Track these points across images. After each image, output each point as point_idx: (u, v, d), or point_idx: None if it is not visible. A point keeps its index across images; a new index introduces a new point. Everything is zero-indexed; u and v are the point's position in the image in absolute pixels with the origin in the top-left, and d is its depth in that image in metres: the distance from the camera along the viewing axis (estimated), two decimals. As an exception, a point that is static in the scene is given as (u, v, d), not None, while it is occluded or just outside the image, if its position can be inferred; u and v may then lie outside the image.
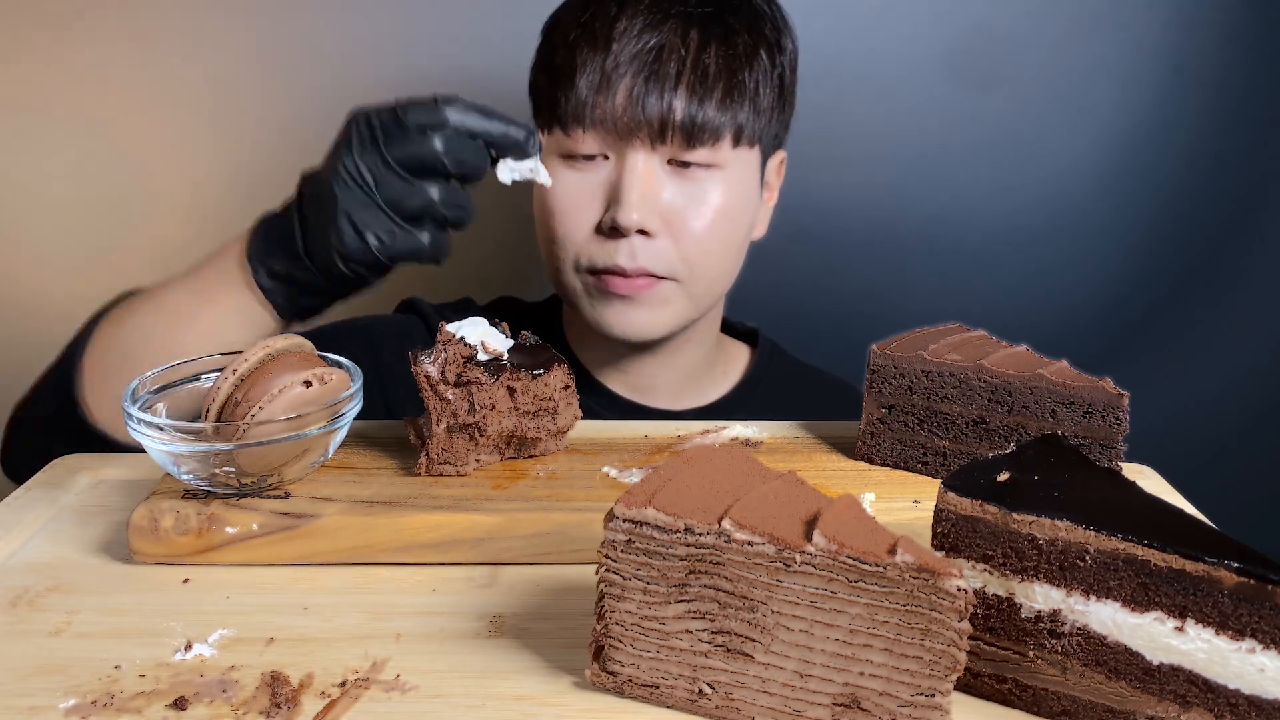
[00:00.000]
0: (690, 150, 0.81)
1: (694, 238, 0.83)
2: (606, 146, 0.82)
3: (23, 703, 0.45)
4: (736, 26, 0.83)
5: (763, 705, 0.44)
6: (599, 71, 0.80)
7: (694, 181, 0.83)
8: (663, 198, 0.82)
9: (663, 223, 0.83)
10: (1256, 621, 0.40)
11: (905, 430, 0.67)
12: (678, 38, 0.81)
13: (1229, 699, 0.41)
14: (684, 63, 0.80)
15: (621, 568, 0.44)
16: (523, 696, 0.46)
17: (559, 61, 0.83)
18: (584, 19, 0.83)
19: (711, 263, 0.86)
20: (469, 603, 0.54)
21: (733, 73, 0.81)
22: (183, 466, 0.57)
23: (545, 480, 0.64)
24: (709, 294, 0.89)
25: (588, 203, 0.83)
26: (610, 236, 0.83)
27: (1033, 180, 1.25)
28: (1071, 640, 0.44)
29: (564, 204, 0.84)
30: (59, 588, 0.55)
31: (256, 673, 0.47)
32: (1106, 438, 0.61)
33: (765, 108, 0.84)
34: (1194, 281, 1.30)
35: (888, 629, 0.41)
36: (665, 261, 0.83)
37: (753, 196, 0.88)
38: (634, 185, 0.81)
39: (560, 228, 0.85)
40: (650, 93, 0.79)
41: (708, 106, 0.80)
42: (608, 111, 0.80)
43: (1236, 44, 1.22)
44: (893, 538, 0.40)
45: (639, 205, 0.81)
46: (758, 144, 0.86)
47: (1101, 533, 0.42)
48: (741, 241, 0.89)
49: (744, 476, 0.45)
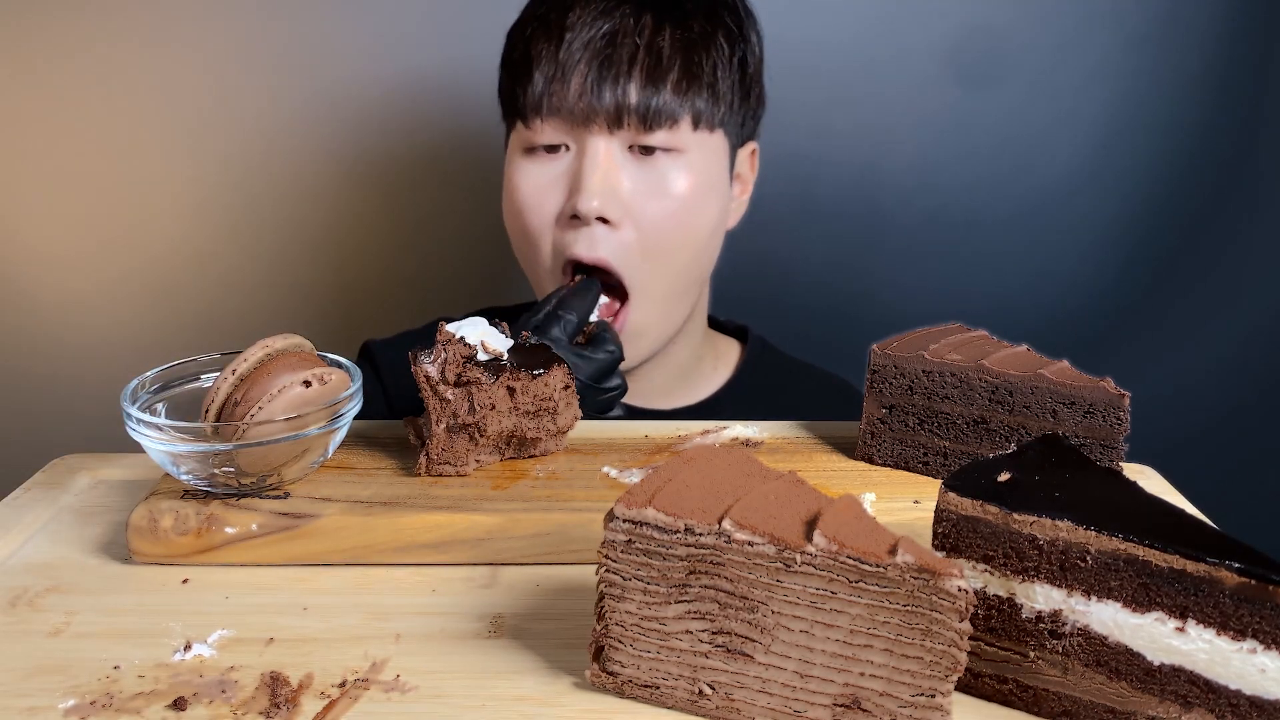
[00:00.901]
0: (649, 133, 0.81)
1: (655, 225, 0.82)
2: (566, 136, 0.82)
3: (22, 703, 0.45)
4: (691, 11, 0.83)
5: (763, 706, 0.44)
6: (554, 61, 0.80)
7: (655, 167, 0.82)
8: (624, 185, 0.82)
9: (624, 211, 0.82)
10: (1258, 622, 0.40)
11: (906, 430, 0.67)
12: (630, 23, 0.81)
13: (1230, 699, 0.41)
14: (637, 47, 0.80)
15: (622, 568, 0.44)
16: (523, 697, 0.46)
17: (517, 57, 0.84)
18: (540, 11, 0.83)
19: (675, 252, 0.84)
20: (469, 603, 0.54)
21: (688, 56, 0.81)
22: (182, 467, 0.57)
23: (545, 480, 0.63)
24: (680, 288, 0.87)
25: (550, 192, 0.83)
26: (572, 226, 0.82)
27: (1031, 178, 1.25)
28: (1072, 641, 0.44)
29: (528, 197, 0.84)
30: (58, 588, 0.55)
31: (256, 673, 0.47)
32: (1107, 438, 0.61)
33: (724, 92, 0.83)
34: (1197, 284, 1.30)
35: (888, 629, 0.41)
36: (625, 254, 0.82)
37: (719, 184, 0.87)
38: (593, 172, 0.80)
39: (527, 221, 0.85)
40: (604, 79, 0.79)
41: (663, 90, 0.80)
42: (564, 100, 0.80)
43: (1230, 43, 1.22)
44: (893, 538, 0.40)
45: (599, 191, 0.80)
46: (720, 129, 0.85)
47: (1102, 533, 0.42)
48: (709, 231, 0.87)
49: (744, 477, 0.46)
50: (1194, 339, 1.32)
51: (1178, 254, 1.29)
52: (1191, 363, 1.31)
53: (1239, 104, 1.24)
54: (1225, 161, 1.27)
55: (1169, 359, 1.30)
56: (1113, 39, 1.22)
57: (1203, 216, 1.29)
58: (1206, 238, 1.29)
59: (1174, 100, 1.24)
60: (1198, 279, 1.30)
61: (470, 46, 1.16)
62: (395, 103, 1.20)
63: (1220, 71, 1.23)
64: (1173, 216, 1.28)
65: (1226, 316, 1.31)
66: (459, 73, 1.18)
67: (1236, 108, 1.25)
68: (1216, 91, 1.24)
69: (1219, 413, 1.33)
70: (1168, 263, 1.30)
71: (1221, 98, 1.24)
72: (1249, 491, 1.26)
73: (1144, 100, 1.24)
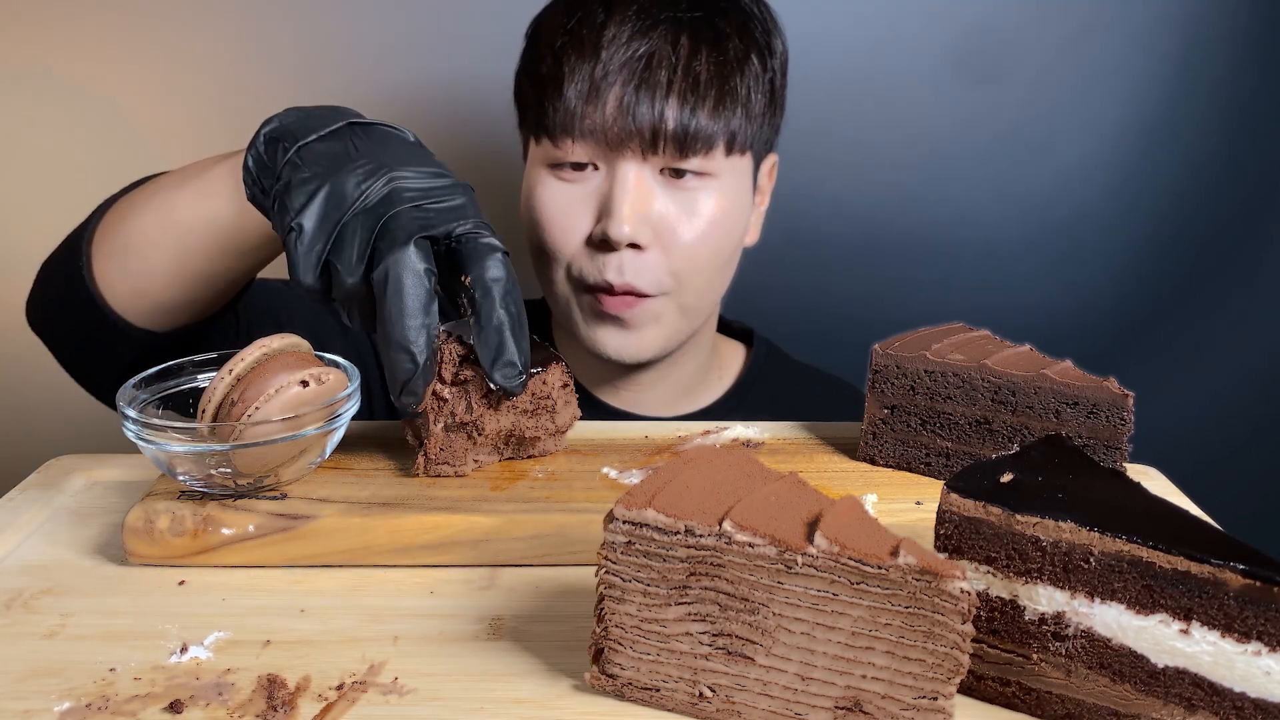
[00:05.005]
0: (683, 160, 0.80)
1: (684, 248, 0.82)
2: (596, 156, 0.81)
3: (17, 706, 0.45)
4: (727, 31, 0.82)
5: (764, 708, 0.43)
6: (588, 80, 0.79)
7: (687, 191, 0.82)
8: (654, 209, 0.81)
9: (654, 234, 0.81)
10: (1263, 624, 0.39)
11: (908, 431, 0.67)
12: (668, 44, 0.79)
13: (1234, 702, 0.41)
14: (675, 70, 0.79)
15: (621, 569, 0.44)
16: (522, 699, 0.46)
17: (545, 70, 0.81)
18: (570, 25, 0.81)
19: (701, 273, 0.84)
20: (467, 605, 0.54)
21: (725, 79, 0.80)
22: (178, 467, 0.57)
23: (544, 481, 0.63)
24: (700, 304, 0.88)
25: (578, 214, 0.82)
26: (600, 249, 0.82)
27: (1037, 181, 1.25)
28: (1076, 643, 0.44)
29: (554, 215, 0.83)
30: (53, 590, 0.55)
31: (253, 675, 0.47)
32: (1111, 438, 0.61)
33: (757, 113, 0.83)
34: (1200, 282, 1.30)
35: (890, 631, 0.40)
36: (653, 277, 0.82)
37: (745, 203, 0.87)
38: (625, 198, 0.79)
39: (550, 240, 0.84)
40: (641, 102, 0.78)
41: (700, 114, 0.79)
42: (597, 121, 0.79)
43: (1243, 45, 1.22)
44: (895, 539, 0.40)
45: (630, 218, 0.79)
46: (750, 150, 0.85)
47: (1106, 534, 0.42)
48: (733, 250, 0.88)
49: (745, 478, 0.45)
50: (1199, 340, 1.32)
51: (1187, 256, 1.29)
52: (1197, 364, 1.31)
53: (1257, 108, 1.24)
54: (1241, 166, 1.26)
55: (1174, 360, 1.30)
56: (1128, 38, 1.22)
57: (1216, 219, 1.28)
58: (1217, 240, 1.29)
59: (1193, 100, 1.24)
60: (1207, 281, 1.30)
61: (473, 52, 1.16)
62: (395, 104, 1.20)
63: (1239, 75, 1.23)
64: (1184, 220, 1.28)
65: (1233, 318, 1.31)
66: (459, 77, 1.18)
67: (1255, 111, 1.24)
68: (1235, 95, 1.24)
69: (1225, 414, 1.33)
70: (1176, 264, 1.30)
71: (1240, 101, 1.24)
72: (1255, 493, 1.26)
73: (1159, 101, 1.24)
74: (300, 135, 0.58)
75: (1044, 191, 1.25)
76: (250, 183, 0.60)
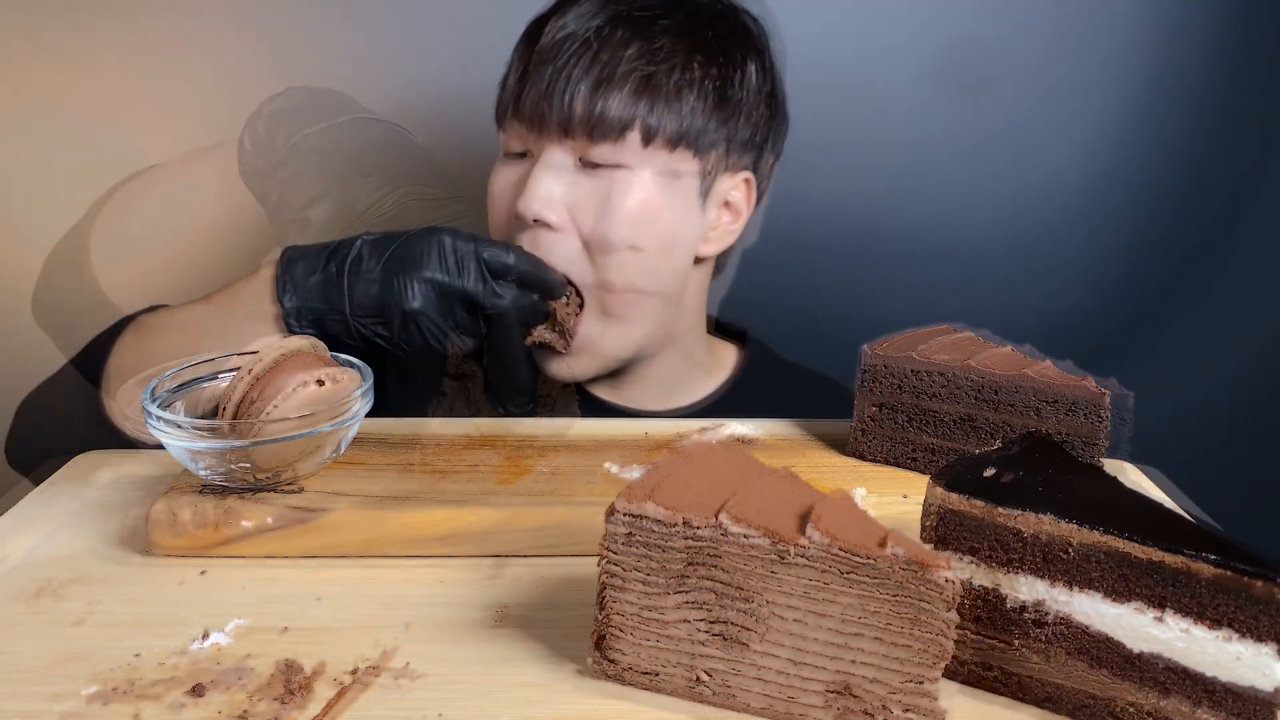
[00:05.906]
0: (593, 145, 0.79)
1: (597, 236, 0.80)
2: (527, 142, 0.82)
3: (47, 689, 0.46)
4: (668, 28, 0.81)
5: (758, 692, 0.45)
6: (521, 68, 0.81)
7: (601, 180, 0.80)
8: (567, 192, 0.80)
9: (569, 218, 0.80)
10: (1233, 612, 0.41)
11: (896, 428, 0.68)
12: (594, 34, 0.79)
13: (1206, 686, 0.42)
14: (595, 56, 0.79)
15: (622, 560, 0.45)
16: (527, 684, 0.47)
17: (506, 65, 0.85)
18: (537, 17, 0.84)
19: (623, 269, 0.81)
20: (475, 594, 0.55)
21: (648, 69, 0.79)
22: (200, 462, 0.58)
23: (549, 476, 0.65)
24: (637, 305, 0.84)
25: (508, 196, 0.83)
26: (518, 228, 0.82)
27: (1022, 185, 1.26)
28: (1055, 629, 0.45)
29: (494, 195, 0.85)
30: (81, 579, 0.56)
31: (271, 661, 0.48)
32: (1089, 435, 0.62)
33: (689, 112, 0.80)
34: (1182, 283, 1.31)
35: (878, 619, 0.42)
36: (563, 254, 0.80)
37: (685, 208, 0.83)
38: (538, 177, 0.80)
39: (490, 219, 0.86)
40: (557, 86, 0.78)
41: (612, 100, 0.78)
42: (524, 107, 0.81)
43: (1217, 53, 1.23)
44: (883, 531, 0.42)
45: (539, 195, 0.79)
46: (689, 150, 0.81)
47: (1083, 526, 0.43)
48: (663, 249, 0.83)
49: (740, 473, 0.46)
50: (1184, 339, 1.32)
51: (1169, 257, 1.30)
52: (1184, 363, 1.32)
53: (1234, 112, 1.25)
54: (1220, 167, 1.27)
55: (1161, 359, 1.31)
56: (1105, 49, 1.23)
57: (1196, 221, 1.29)
58: (1198, 241, 1.30)
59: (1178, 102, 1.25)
60: (1190, 281, 1.31)
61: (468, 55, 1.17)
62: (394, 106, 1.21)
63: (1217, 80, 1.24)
64: (1166, 221, 1.29)
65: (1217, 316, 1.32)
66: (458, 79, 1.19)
67: (1233, 115, 1.25)
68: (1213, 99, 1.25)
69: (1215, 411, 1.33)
70: (1158, 266, 1.30)
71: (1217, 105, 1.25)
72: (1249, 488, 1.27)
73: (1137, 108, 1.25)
74: None
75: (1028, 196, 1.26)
76: None
